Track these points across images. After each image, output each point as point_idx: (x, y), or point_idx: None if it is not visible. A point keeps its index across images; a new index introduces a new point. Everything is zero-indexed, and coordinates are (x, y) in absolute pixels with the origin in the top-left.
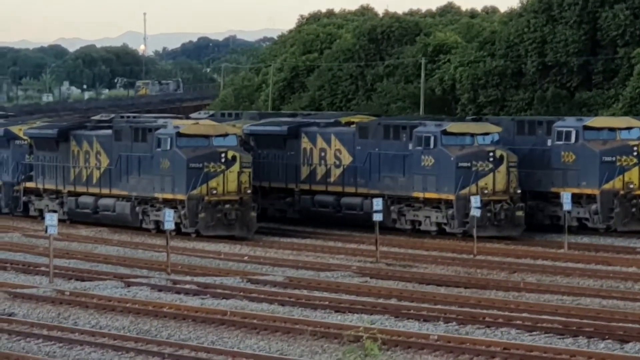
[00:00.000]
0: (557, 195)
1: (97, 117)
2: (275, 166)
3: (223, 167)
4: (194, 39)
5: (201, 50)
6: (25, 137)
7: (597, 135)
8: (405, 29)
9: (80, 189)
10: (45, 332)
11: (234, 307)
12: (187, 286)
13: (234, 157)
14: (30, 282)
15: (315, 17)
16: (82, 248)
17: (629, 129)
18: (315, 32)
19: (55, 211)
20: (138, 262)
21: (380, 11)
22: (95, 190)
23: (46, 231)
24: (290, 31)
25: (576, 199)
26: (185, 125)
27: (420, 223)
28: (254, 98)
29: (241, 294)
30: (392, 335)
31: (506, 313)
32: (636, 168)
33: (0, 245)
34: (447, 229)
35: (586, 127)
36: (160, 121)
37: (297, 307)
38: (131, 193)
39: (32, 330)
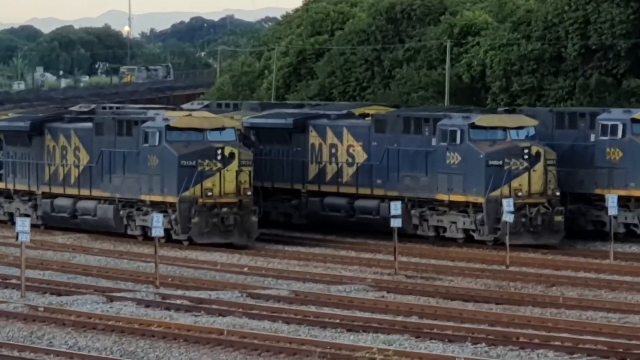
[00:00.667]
0: (602, 198)
1: (75, 108)
2: (279, 164)
3: (219, 165)
4: (186, 19)
5: (194, 32)
6: None
7: None
8: (428, 7)
9: (56, 189)
10: (16, 353)
11: (232, 326)
12: (179, 301)
13: (232, 154)
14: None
15: None
16: (58, 257)
17: None
18: (325, 10)
19: (27, 215)
20: (122, 273)
21: None
22: (74, 191)
23: (17, 238)
24: (297, 10)
25: (623, 202)
26: (176, 117)
27: (445, 229)
28: (254, 86)
29: (240, 310)
30: (412, 357)
31: (543, 333)
32: None
33: None
34: (476, 236)
35: (635, 120)
36: (148, 112)
37: (304, 326)
38: (114, 194)
39: (1, 351)
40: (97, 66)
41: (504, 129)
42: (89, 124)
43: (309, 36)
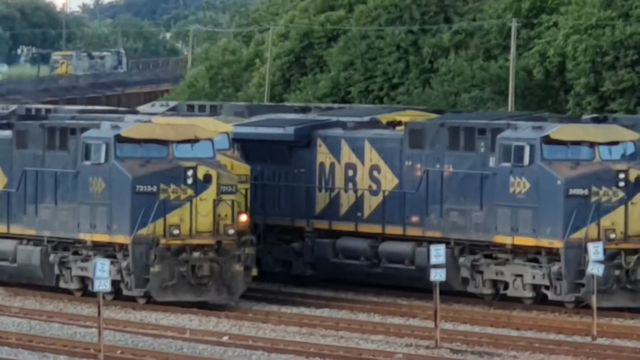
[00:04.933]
0: None
1: None
2: (274, 192)
3: (190, 191)
4: None
5: (156, 5)
6: None
7: None
8: None
9: None
10: None
11: None
12: None
13: (208, 177)
14: None
15: None
16: None
17: None
18: None
19: None
20: (52, 343)
21: None
22: None
23: None
24: None
25: None
26: (131, 124)
27: (506, 285)
28: (240, 82)
29: None
30: None
31: None
32: None
33: None
34: (550, 295)
35: None
36: (91, 118)
37: None
38: (42, 232)
39: None
40: (19, 51)
41: (592, 144)
42: (7, 133)
43: (317, 12)
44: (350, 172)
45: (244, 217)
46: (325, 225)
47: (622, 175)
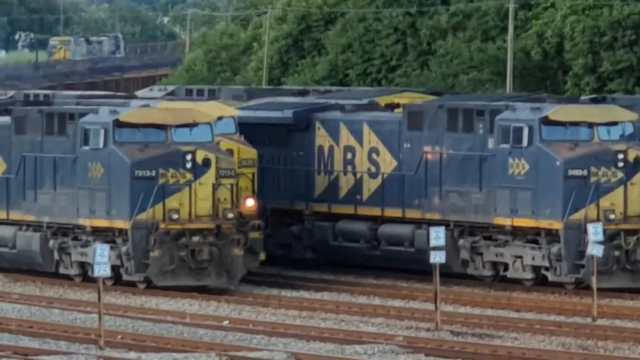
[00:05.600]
0: None
1: None
2: (273, 175)
3: (189, 176)
4: None
5: None
6: None
7: None
8: None
9: None
10: None
11: None
12: None
13: (207, 161)
14: None
15: None
16: None
17: None
18: None
19: None
20: (52, 329)
21: None
22: None
23: None
24: None
25: None
26: (129, 109)
27: (506, 267)
28: (239, 65)
29: None
30: None
31: None
32: None
33: None
34: (550, 276)
35: None
36: (89, 103)
37: None
38: (41, 218)
39: None
40: (17, 37)
41: (590, 125)
42: (6, 119)
43: None
44: (349, 155)
45: (250, 202)
46: (325, 208)
47: (621, 156)
